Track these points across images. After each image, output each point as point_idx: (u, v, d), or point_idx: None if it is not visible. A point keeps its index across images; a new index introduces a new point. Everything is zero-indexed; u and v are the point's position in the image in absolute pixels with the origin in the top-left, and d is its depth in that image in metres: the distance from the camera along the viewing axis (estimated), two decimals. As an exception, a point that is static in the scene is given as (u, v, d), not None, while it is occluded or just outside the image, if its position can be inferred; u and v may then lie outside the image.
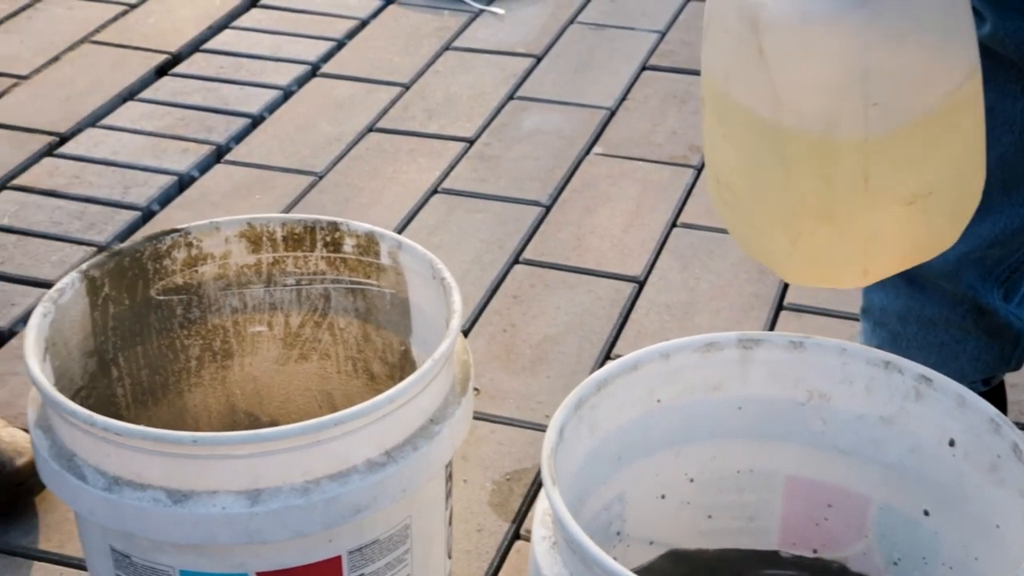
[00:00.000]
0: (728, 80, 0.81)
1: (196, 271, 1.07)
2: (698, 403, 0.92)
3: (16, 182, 1.82)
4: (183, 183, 1.85)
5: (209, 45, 2.20)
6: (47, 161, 1.88)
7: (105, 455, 0.87)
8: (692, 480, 0.95)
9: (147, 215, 1.77)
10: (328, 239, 1.06)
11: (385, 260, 1.05)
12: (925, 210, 0.80)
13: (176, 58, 2.16)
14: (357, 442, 0.87)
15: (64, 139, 1.93)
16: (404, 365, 1.08)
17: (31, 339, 0.92)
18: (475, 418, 1.40)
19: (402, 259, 1.04)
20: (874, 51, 0.73)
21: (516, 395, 1.46)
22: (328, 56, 2.17)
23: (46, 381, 0.88)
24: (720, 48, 0.79)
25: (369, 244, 1.06)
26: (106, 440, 0.86)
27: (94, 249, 1.69)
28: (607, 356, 1.52)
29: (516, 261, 1.68)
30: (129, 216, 1.76)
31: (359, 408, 0.86)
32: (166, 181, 1.84)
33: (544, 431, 1.41)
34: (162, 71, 2.13)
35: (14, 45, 2.16)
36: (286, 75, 2.11)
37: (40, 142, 1.91)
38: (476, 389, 1.41)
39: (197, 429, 1.11)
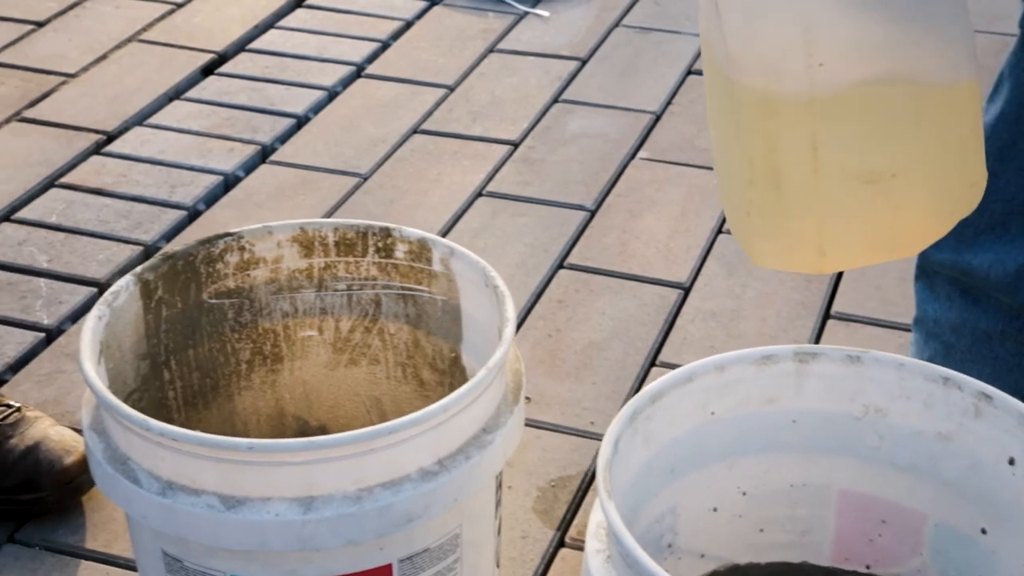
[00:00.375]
0: (704, 43, 0.78)
1: (248, 275, 1.07)
2: (752, 416, 0.92)
3: (64, 180, 1.83)
4: (228, 183, 1.85)
5: (255, 45, 2.21)
6: (94, 159, 1.89)
7: (160, 459, 0.87)
8: (744, 493, 0.94)
9: (193, 215, 1.78)
10: (380, 245, 1.06)
11: (437, 267, 1.05)
12: (889, 194, 0.74)
13: (222, 57, 2.17)
14: (410, 451, 0.87)
15: (111, 138, 1.94)
16: (454, 372, 1.08)
17: (86, 342, 0.93)
18: (520, 424, 1.40)
19: (454, 266, 1.04)
20: (819, 6, 0.70)
21: (561, 401, 1.46)
22: (373, 57, 2.17)
23: (102, 384, 0.89)
24: (702, 11, 0.76)
25: (421, 250, 1.06)
26: (161, 445, 0.86)
27: (141, 248, 1.70)
28: (652, 363, 1.52)
29: (561, 266, 1.68)
30: (175, 216, 1.77)
31: (413, 417, 0.86)
32: (212, 181, 1.84)
33: (589, 438, 1.41)
34: (208, 70, 2.14)
35: (62, 43, 2.18)
36: (331, 76, 2.11)
37: (87, 140, 1.92)
38: (527, 398, 1.41)
39: (246, 433, 1.12)
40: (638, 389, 1.48)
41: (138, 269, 1.01)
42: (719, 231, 1.74)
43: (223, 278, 1.06)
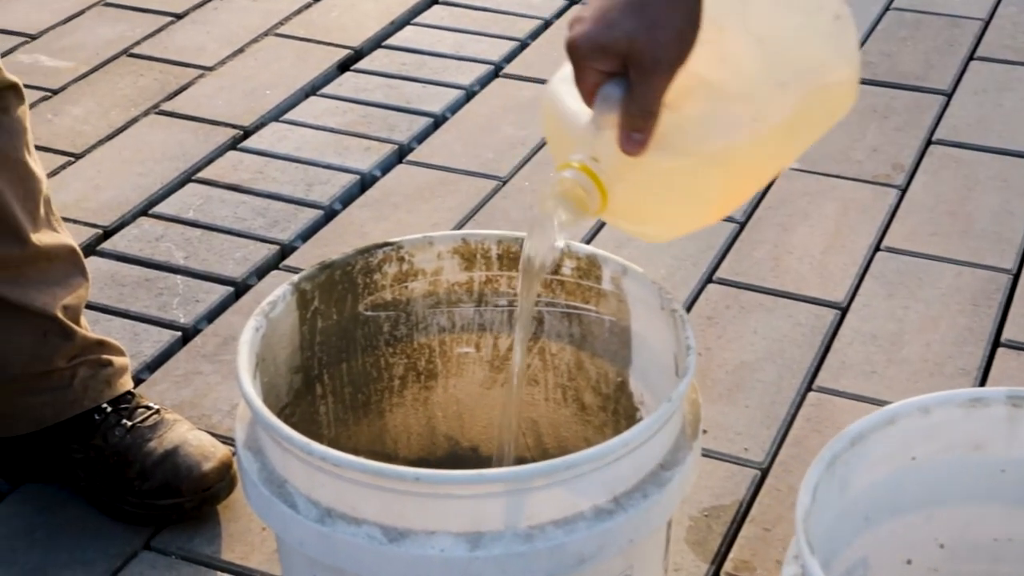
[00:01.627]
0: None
1: (406, 287, 1.01)
2: (956, 462, 0.84)
3: (201, 175, 1.81)
4: (365, 182, 1.81)
5: (391, 41, 2.16)
6: (231, 155, 1.86)
7: (320, 485, 0.82)
8: (942, 546, 0.87)
9: (330, 214, 1.74)
10: (545, 259, 1.00)
11: (607, 285, 0.99)
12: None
13: (358, 54, 2.13)
14: (586, 487, 0.81)
15: (248, 133, 1.91)
16: (619, 398, 1.02)
17: (244, 355, 0.88)
18: (671, 447, 1.33)
19: (626, 285, 0.98)
20: None
21: (712, 425, 1.39)
22: (511, 56, 2.12)
23: (260, 403, 0.84)
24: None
25: (590, 267, 0.99)
26: (321, 469, 0.81)
27: (277, 248, 1.66)
28: (809, 387, 1.44)
29: (710, 280, 1.61)
30: (311, 215, 1.73)
31: (591, 452, 0.80)
32: (348, 180, 1.80)
33: (743, 465, 1.33)
34: (344, 66, 2.10)
35: (200, 36, 2.16)
36: (468, 74, 2.06)
37: (224, 135, 1.89)
38: (704, 430, 1.34)
39: (396, 450, 1.07)
40: (794, 415, 1.40)
41: (295, 278, 0.96)
42: (877, 248, 1.66)
43: (380, 289, 1.01)
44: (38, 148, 1.89)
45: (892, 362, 1.47)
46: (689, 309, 1.55)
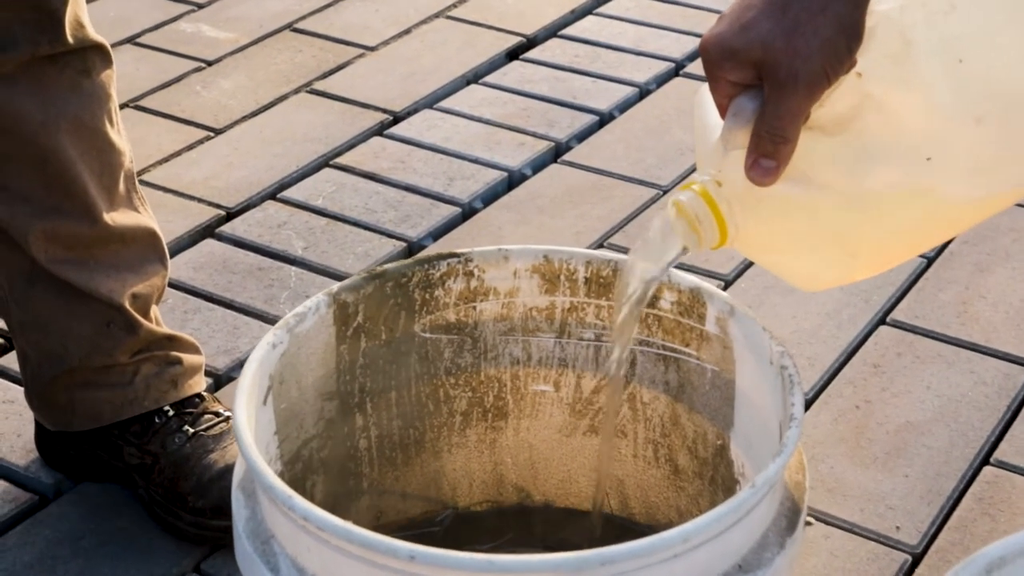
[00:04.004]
0: None
1: (474, 307, 0.85)
2: None
3: (340, 160, 1.68)
4: (512, 181, 1.66)
5: (568, 31, 2.00)
6: (375, 141, 1.73)
7: (305, 548, 0.67)
8: None
9: (467, 212, 1.59)
10: (641, 289, 0.82)
11: (711, 327, 0.81)
12: None
13: (530, 42, 1.98)
14: (630, 589, 0.63)
15: (397, 119, 1.78)
16: (718, 465, 0.83)
17: (248, 375, 0.74)
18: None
19: (732, 329, 0.79)
20: None
21: (861, 493, 1.18)
22: (695, 55, 1.93)
23: (249, 435, 0.69)
24: None
25: (693, 303, 0.81)
26: (306, 531, 0.66)
27: (404, 245, 1.52)
28: (985, 460, 1.21)
29: (883, 321, 1.39)
30: (447, 212, 1.58)
31: (635, 546, 0.62)
32: (494, 176, 1.65)
33: (892, 547, 1.12)
34: (513, 55, 1.95)
35: (368, 14, 2.04)
36: (645, 72, 1.88)
37: (372, 119, 1.77)
38: (808, 521, 1.13)
39: (454, 497, 0.91)
40: (963, 492, 1.18)
41: (334, 287, 0.81)
42: (1089, 301, 1.41)
43: (442, 308, 0.85)
44: (179, 120, 1.82)
45: (1092, 439, 1.23)
46: (853, 353, 1.34)
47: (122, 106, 1.78)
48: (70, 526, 1.14)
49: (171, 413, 1.13)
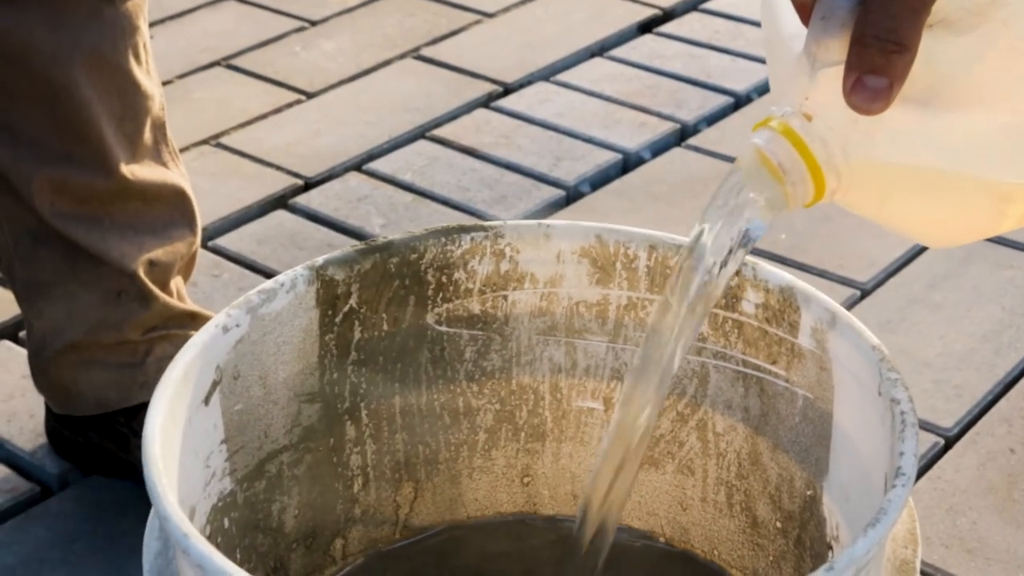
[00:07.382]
0: None
1: (504, 297, 0.67)
2: None
3: (438, 132, 1.52)
4: (628, 164, 1.47)
5: (710, 4, 1.80)
6: (479, 113, 1.56)
7: (208, 602, 0.49)
8: None
9: (572, 196, 1.41)
10: (719, 285, 0.63)
11: (804, 340, 0.61)
12: None
13: (668, 15, 1.78)
14: None
15: (508, 91, 1.60)
16: (806, 521, 0.63)
17: (180, 365, 0.57)
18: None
19: (832, 345, 0.59)
20: None
21: (1011, 558, 0.96)
22: (852, 34, 1.71)
23: (157, 451, 0.52)
24: None
25: (783, 307, 0.62)
26: (206, 581, 0.48)
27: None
28: None
29: (1051, 348, 1.16)
30: (549, 194, 1.40)
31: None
32: (608, 159, 1.46)
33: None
34: (646, 27, 1.76)
35: (491, -22, 1.87)
36: (793, 51, 1.67)
37: (480, 90, 1.60)
38: None
39: (478, 540, 0.72)
40: None
41: (318, 260, 0.63)
42: None
43: (463, 296, 0.67)
44: (271, 82, 1.67)
45: None
46: (1012, 384, 1.12)
47: (212, 64, 1.64)
48: (67, 525, 0.99)
49: (185, 402, 0.97)
